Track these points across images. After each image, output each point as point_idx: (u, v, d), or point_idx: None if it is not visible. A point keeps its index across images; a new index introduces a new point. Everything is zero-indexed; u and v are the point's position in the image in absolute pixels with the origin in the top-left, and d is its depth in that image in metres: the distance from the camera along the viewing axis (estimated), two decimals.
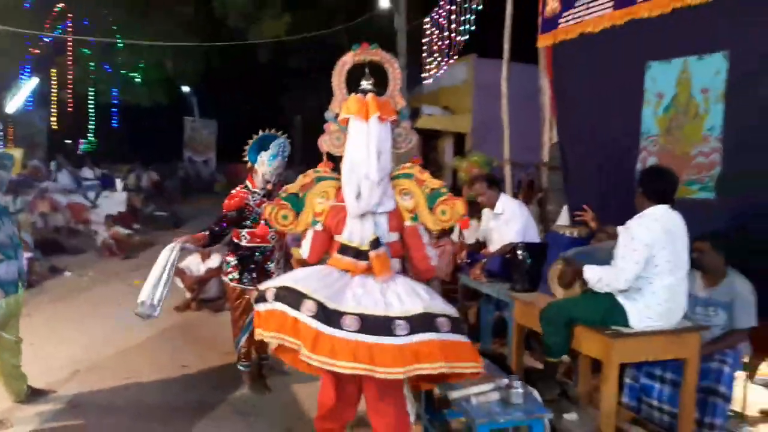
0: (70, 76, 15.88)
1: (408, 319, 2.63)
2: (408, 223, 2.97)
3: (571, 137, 5.24)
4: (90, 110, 18.07)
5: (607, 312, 3.22)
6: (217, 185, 24.44)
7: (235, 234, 4.36)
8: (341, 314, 2.64)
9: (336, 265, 2.96)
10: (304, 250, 3.13)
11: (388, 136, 2.98)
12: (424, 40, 11.59)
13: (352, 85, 3.15)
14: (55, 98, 17.67)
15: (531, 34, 5.76)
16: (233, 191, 4.46)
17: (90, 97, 17.75)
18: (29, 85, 16.65)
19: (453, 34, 9.53)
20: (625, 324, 3.18)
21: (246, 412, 4.05)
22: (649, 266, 3.14)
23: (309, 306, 2.66)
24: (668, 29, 4.28)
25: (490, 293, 4.57)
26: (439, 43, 10.79)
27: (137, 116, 21.54)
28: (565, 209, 5.58)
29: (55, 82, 17.27)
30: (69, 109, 16.74)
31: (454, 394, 3.06)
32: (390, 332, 2.58)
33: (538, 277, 4.02)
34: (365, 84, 3.09)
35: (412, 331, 2.60)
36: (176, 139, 27.48)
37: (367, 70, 3.15)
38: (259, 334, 2.78)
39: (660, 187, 3.29)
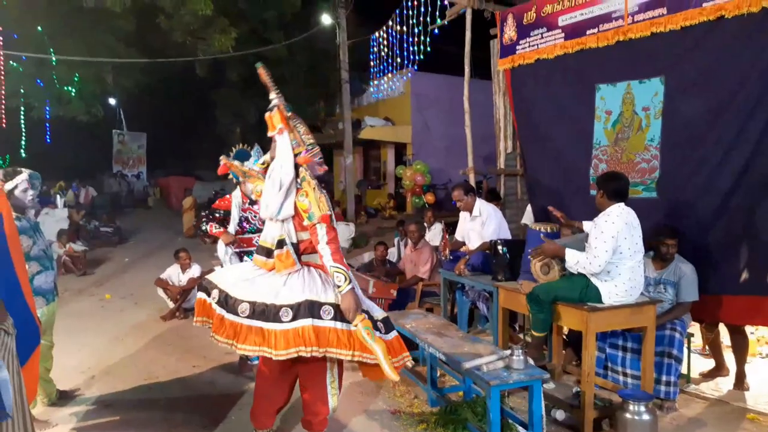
0: (2, 91, 15.33)
1: (292, 306, 2.95)
2: (305, 222, 3.15)
3: (532, 147, 6.00)
4: (22, 126, 17.45)
5: (583, 291, 3.92)
6: (151, 199, 24.14)
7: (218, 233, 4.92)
8: (239, 302, 3.05)
9: (255, 262, 3.31)
10: None
11: (284, 146, 3.17)
12: (371, 57, 12.17)
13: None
14: None
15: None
16: (226, 196, 5.11)
17: (22, 112, 17.17)
18: None
19: (405, 53, 10.15)
20: (599, 300, 3.89)
21: None
22: (615, 253, 3.86)
23: (215, 294, 3.16)
24: (613, 57, 5.12)
25: (475, 285, 5.25)
26: (388, 59, 11.41)
27: (63, 131, 20.93)
28: (529, 209, 6.37)
29: None
30: (2, 125, 16.12)
31: (466, 365, 3.66)
32: (277, 318, 2.94)
33: (517, 268, 4.71)
34: (274, 100, 3.24)
35: (294, 317, 2.93)
36: (103, 153, 26.83)
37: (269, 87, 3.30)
38: (195, 321, 3.28)
39: (618, 188, 4.00)
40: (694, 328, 4.99)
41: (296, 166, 3.21)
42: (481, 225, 5.41)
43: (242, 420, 3.89)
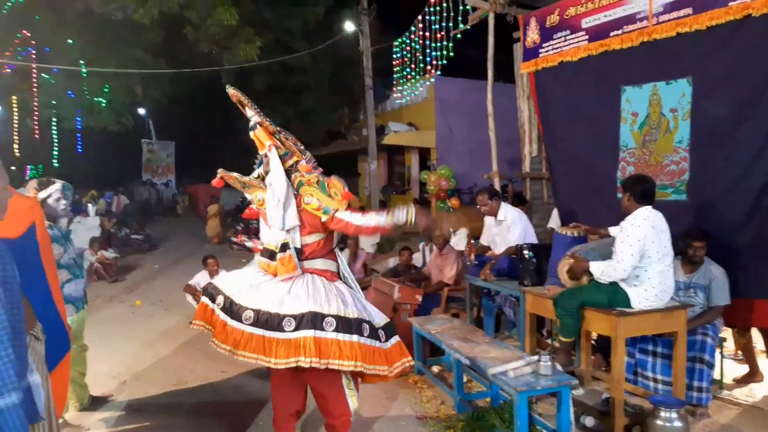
0: (35, 103, 15.80)
1: (295, 317, 2.95)
2: (323, 218, 3.21)
3: (557, 151, 5.96)
4: (54, 137, 17.96)
5: (612, 296, 3.88)
6: (179, 207, 24.54)
7: (255, 248, 4.92)
8: (244, 309, 3.04)
9: (260, 265, 3.34)
10: None
11: (274, 161, 3.23)
12: (394, 63, 12.21)
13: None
14: (16, 126, 17.50)
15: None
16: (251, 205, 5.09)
17: (54, 123, 17.66)
18: None
19: (428, 58, 10.16)
20: (627, 305, 3.85)
21: None
22: (643, 258, 3.82)
23: (220, 299, 3.15)
24: (638, 59, 5.06)
25: (501, 290, 5.22)
26: (411, 64, 11.43)
27: (94, 140, 21.45)
28: (555, 213, 6.32)
29: (16, 109, 17.12)
30: (35, 135, 16.61)
31: (493, 370, 3.64)
32: (280, 328, 2.94)
33: (544, 273, 4.67)
34: (252, 120, 3.31)
35: (297, 327, 2.93)
36: (133, 162, 27.39)
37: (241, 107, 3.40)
38: (193, 323, 3.27)
39: (645, 190, 3.95)
40: (727, 332, 4.88)
41: (288, 175, 3.27)
42: (506, 229, 5.37)
43: (269, 425, 3.89)
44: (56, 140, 18.37)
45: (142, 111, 25.76)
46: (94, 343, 4.54)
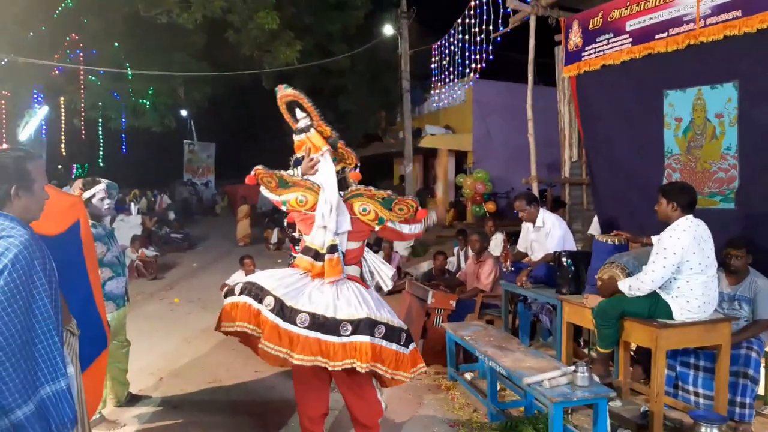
0: (82, 104, 16.29)
1: (352, 322, 3.01)
2: (377, 227, 3.36)
3: (598, 156, 5.84)
4: (100, 137, 18.50)
5: (653, 307, 3.77)
6: (218, 207, 24.96)
7: (293, 248, 4.93)
8: (297, 312, 3.01)
9: (298, 263, 3.36)
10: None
11: (328, 167, 3.31)
12: (432, 65, 12.18)
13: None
14: (64, 126, 18.07)
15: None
16: None
17: (99, 124, 18.18)
18: (40, 113, 17.05)
19: (467, 61, 10.09)
20: (669, 317, 3.74)
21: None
22: (684, 268, 3.70)
23: (269, 301, 3.04)
24: (683, 62, 4.92)
25: (538, 298, 5.13)
26: (450, 67, 11.38)
27: (137, 141, 22.01)
28: (595, 220, 6.18)
29: (63, 110, 17.69)
30: (82, 135, 17.13)
31: (528, 380, 3.57)
32: (336, 332, 2.98)
33: (583, 281, 4.57)
34: (302, 121, 3.42)
35: (353, 332, 2.99)
36: (175, 162, 28.01)
37: (297, 109, 3.45)
38: (223, 327, 3.13)
39: (687, 200, 3.81)
40: None
41: (341, 183, 3.36)
42: (544, 236, 5.28)
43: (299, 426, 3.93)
44: (102, 140, 18.92)
45: (184, 112, 26.30)
46: (132, 339, 4.63)
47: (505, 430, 3.83)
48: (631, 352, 4.71)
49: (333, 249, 3.22)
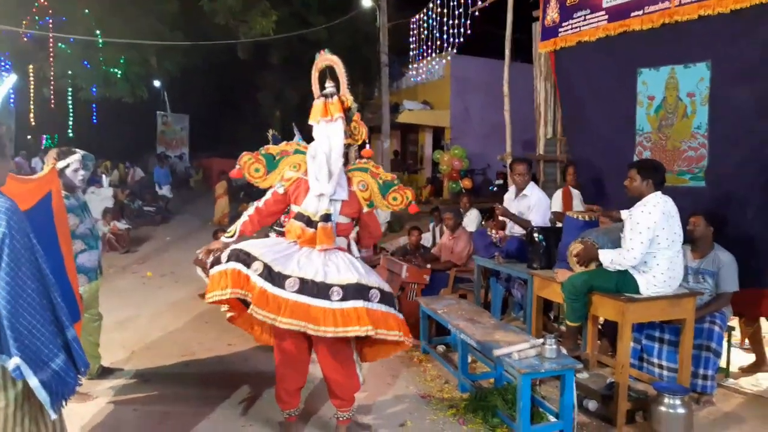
0: (52, 72, 15.85)
1: (343, 287, 3.03)
2: (365, 209, 3.48)
3: (575, 132, 5.88)
4: (70, 106, 18.04)
5: (620, 282, 3.85)
6: (192, 180, 24.61)
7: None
8: (285, 276, 3.03)
9: (289, 229, 3.40)
10: (256, 206, 3.49)
11: (338, 132, 3.36)
12: (411, 39, 12.06)
13: None
14: (33, 95, 17.59)
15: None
16: None
17: (70, 93, 17.73)
18: (8, 81, 16.53)
19: (445, 35, 10.02)
20: (636, 291, 3.82)
21: None
22: (653, 244, 3.77)
23: (257, 266, 3.06)
24: (657, 41, 4.95)
25: (509, 272, 5.20)
26: (428, 42, 11.29)
27: (109, 111, 21.53)
28: (556, 195, 6.20)
29: (33, 79, 17.19)
30: (51, 105, 16.69)
31: (498, 352, 3.64)
32: (326, 296, 2.99)
33: (553, 256, 4.64)
34: (329, 88, 3.50)
35: (345, 297, 3.01)
36: (147, 134, 27.42)
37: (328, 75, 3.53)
38: (210, 297, 3.10)
39: (660, 178, 3.89)
40: (734, 321, 4.83)
41: (346, 156, 3.40)
42: (527, 208, 5.29)
43: (274, 398, 3.96)
44: (72, 110, 18.44)
45: (157, 83, 25.73)
46: (104, 312, 4.59)
47: (475, 401, 3.91)
48: (599, 326, 4.82)
49: (327, 218, 3.28)
